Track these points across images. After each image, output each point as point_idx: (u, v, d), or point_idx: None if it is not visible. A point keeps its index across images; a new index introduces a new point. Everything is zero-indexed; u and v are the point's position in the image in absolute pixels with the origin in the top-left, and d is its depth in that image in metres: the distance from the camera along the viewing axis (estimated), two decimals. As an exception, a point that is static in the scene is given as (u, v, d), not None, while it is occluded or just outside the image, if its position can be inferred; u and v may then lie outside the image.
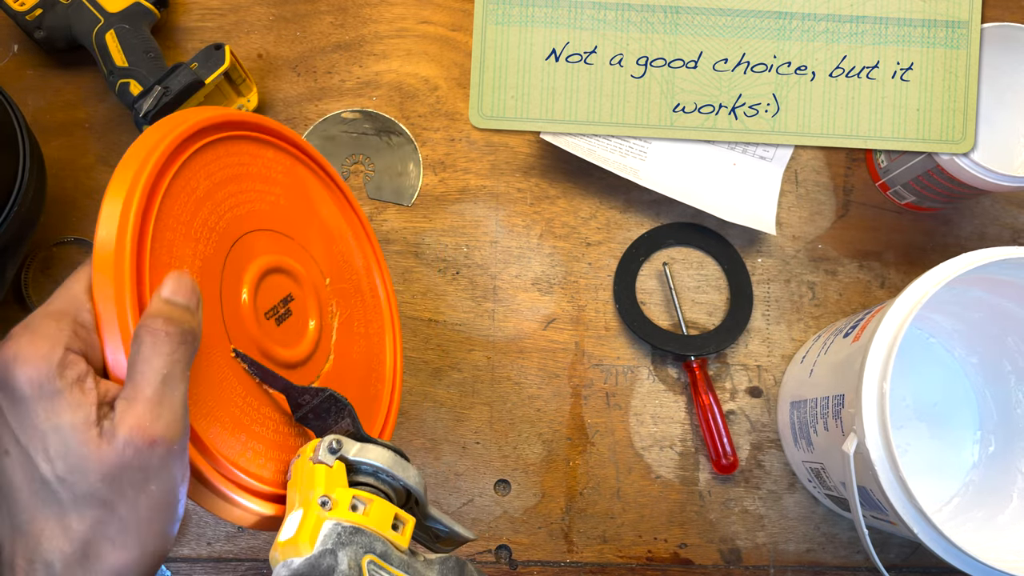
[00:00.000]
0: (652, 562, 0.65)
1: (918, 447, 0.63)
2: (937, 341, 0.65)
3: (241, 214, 0.46)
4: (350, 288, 0.54)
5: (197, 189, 0.43)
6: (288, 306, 0.48)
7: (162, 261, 0.39)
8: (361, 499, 0.37)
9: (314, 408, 0.43)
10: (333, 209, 0.55)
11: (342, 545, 0.35)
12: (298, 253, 0.50)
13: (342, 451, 0.39)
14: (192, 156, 0.42)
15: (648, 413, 0.66)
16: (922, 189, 0.66)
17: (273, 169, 0.49)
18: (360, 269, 0.56)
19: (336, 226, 0.55)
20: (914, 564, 0.65)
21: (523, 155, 0.69)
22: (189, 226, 0.42)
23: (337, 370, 0.51)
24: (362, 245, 0.57)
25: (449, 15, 0.70)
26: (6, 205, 0.54)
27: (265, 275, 0.46)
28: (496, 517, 0.65)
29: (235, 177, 0.46)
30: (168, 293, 0.37)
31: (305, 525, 0.36)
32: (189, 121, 0.42)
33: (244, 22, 0.70)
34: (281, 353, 0.46)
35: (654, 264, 0.69)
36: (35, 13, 0.64)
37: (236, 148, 0.46)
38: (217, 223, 0.44)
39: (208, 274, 0.43)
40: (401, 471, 0.40)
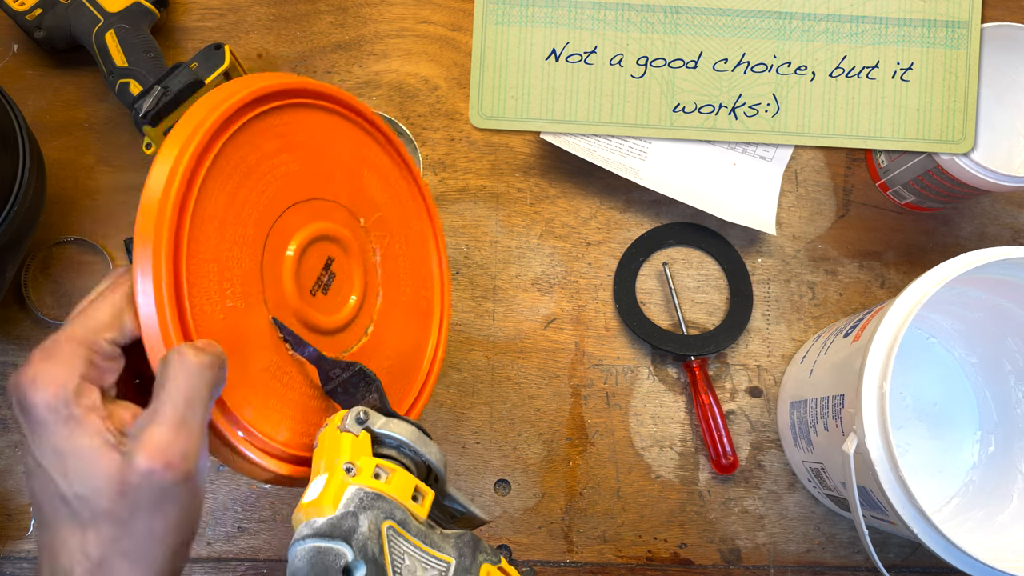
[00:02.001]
0: (652, 562, 0.65)
1: (918, 447, 0.63)
2: (937, 341, 0.65)
3: (294, 181, 0.46)
4: (403, 271, 0.54)
5: (247, 158, 0.43)
6: (332, 273, 0.48)
7: (207, 216, 0.40)
8: (384, 468, 0.39)
9: (343, 382, 0.44)
10: (396, 182, 0.54)
11: (364, 509, 0.36)
12: (351, 225, 0.50)
13: (368, 423, 0.41)
14: (248, 124, 0.43)
15: (648, 413, 0.66)
16: (922, 189, 0.66)
17: (335, 138, 0.49)
18: (420, 255, 0.56)
19: (397, 200, 0.54)
20: (914, 564, 0.65)
21: (523, 155, 0.69)
22: (235, 193, 0.42)
23: (373, 345, 0.51)
24: (422, 226, 0.56)
25: (449, 15, 0.70)
26: (6, 205, 0.54)
27: (312, 242, 0.47)
28: (496, 517, 0.65)
29: (291, 145, 0.46)
30: (200, 344, 0.38)
31: (329, 489, 0.37)
32: (249, 88, 0.43)
33: (244, 22, 0.70)
34: (319, 320, 0.47)
35: (654, 264, 0.69)
36: (35, 13, 0.64)
37: (293, 116, 0.46)
38: (267, 189, 0.44)
39: (254, 236, 0.43)
40: (423, 446, 0.41)
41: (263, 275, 0.44)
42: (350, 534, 0.35)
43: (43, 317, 0.65)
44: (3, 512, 0.63)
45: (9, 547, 0.63)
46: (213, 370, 0.37)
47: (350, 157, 0.50)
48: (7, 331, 0.65)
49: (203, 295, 0.40)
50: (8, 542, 0.63)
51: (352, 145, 0.51)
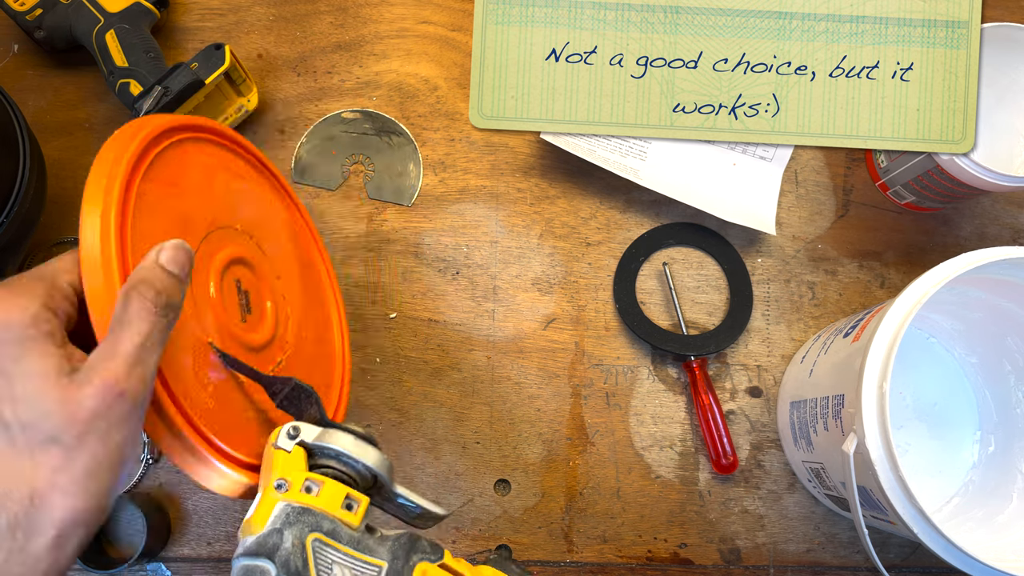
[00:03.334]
0: (652, 562, 0.65)
1: (918, 447, 0.63)
2: (937, 341, 0.65)
3: (199, 213, 0.48)
4: (296, 274, 0.56)
5: (165, 190, 0.45)
6: (247, 293, 0.50)
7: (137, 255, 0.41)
8: (315, 481, 0.39)
9: (286, 396, 0.45)
10: (271, 199, 0.57)
11: (289, 524, 0.38)
12: (253, 248, 0.52)
13: (301, 437, 0.41)
14: (158, 155, 0.45)
15: (648, 413, 0.66)
16: (922, 189, 0.66)
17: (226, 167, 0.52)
18: (305, 259, 0.58)
19: (278, 218, 0.57)
20: (914, 564, 0.65)
21: (523, 155, 0.69)
22: (164, 222, 0.44)
23: (297, 355, 0.53)
24: (299, 230, 0.59)
25: (449, 15, 0.70)
26: (6, 205, 0.54)
27: (228, 267, 0.49)
28: (496, 517, 0.65)
29: (198, 174, 0.49)
30: (165, 260, 0.39)
31: (261, 507, 0.38)
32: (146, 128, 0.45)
33: (244, 22, 0.70)
34: (252, 338, 0.49)
35: (654, 264, 0.69)
36: (35, 13, 0.64)
37: (190, 150, 0.49)
38: (185, 221, 0.46)
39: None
40: (360, 454, 0.42)
41: (195, 303, 0.45)
42: (274, 551, 0.37)
43: (43, 317, 0.65)
44: None
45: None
46: (168, 315, 0.37)
47: (220, 178, 0.52)
48: (7, 331, 0.65)
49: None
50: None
51: (227, 168, 0.53)
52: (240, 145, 0.54)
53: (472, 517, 0.65)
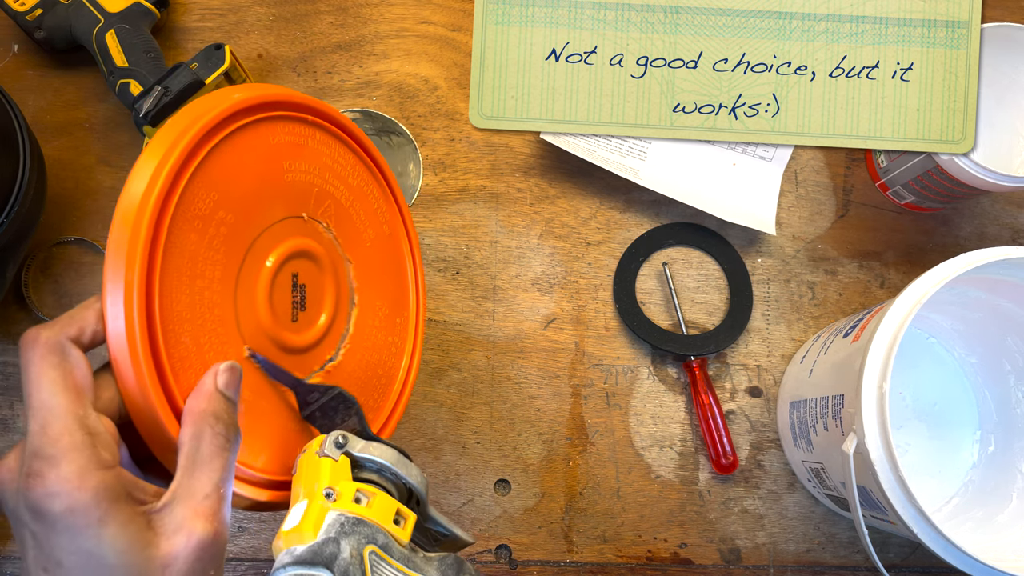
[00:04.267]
0: (652, 562, 0.65)
1: (918, 447, 0.63)
2: (937, 341, 0.65)
3: (294, 193, 0.45)
4: (377, 279, 0.53)
5: (221, 178, 0.41)
6: (302, 287, 0.47)
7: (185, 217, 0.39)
8: (364, 492, 0.38)
9: (322, 406, 0.44)
10: (377, 202, 0.53)
11: (345, 534, 0.36)
12: (333, 248, 0.49)
13: (347, 447, 0.40)
14: (224, 140, 0.41)
15: (648, 413, 0.66)
16: (922, 189, 0.66)
17: (303, 150, 0.48)
18: (393, 266, 0.54)
19: (376, 220, 0.53)
20: (914, 564, 0.65)
21: (523, 155, 0.69)
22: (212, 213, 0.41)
23: (347, 362, 0.50)
24: (399, 243, 0.55)
25: (449, 15, 0.71)
26: (6, 205, 0.54)
27: (287, 260, 0.46)
28: (496, 517, 0.65)
29: (295, 155, 0.45)
30: (223, 384, 0.38)
31: (309, 515, 0.37)
32: (224, 103, 0.41)
33: (244, 22, 0.70)
34: (293, 339, 0.46)
35: (654, 264, 0.69)
36: (35, 13, 0.64)
37: (266, 130, 0.44)
38: (247, 209, 0.43)
39: (230, 260, 0.42)
40: (404, 469, 0.41)
41: (236, 302, 0.43)
42: (332, 560, 0.35)
43: (43, 317, 0.65)
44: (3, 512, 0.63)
45: (10, 547, 0.63)
46: (237, 437, 0.37)
47: (317, 166, 0.49)
48: (7, 331, 0.65)
49: (176, 325, 0.39)
50: (8, 542, 0.63)
51: (319, 153, 0.49)
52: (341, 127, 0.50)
53: (472, 517, 0.65)
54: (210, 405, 0.37)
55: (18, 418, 0.64)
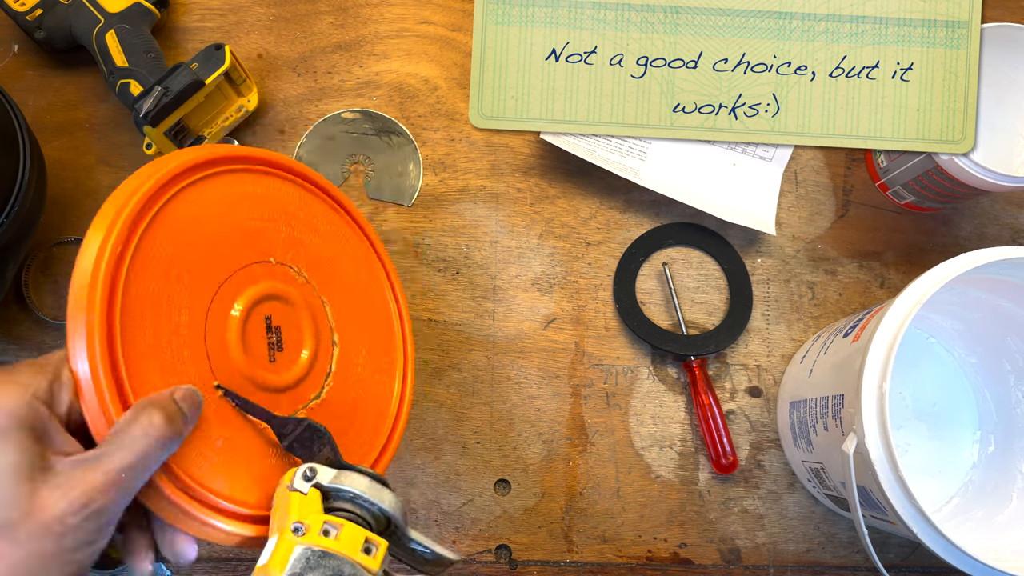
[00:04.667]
0: (652, 562, 0.65)
1: (918, 447, 0.63)
2: (937, 341, 0.65)
3: (228, 247, 0.47)
4: (358, 319, 0.54)
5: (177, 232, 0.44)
6: (277, 330, 0.48)
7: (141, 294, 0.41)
8: (333, 524, 0.39)
9: (298, 437, 0.44)
10: (338, 231, 0.54)
11: (310, 569, 0.37)
12: (292, 280, 0.50)
13: (317, 479, 0.41)
14: (179, 192, 0.44)
15: (648, 413, 0.66)
16: (922, 189, 0.66)
17: (262, 198, 0.50)
18: (374, 305, 0.55)
19: (352, 262, 0.54)
20: (914, 564, 0.65)
21: (523, 155, 0.69)
22: (168, 270, 0.43)
23: (332, 399, 0.51)
24: (379, 282, 0.56)
25: (449, 15, 0.71)
26: (6, 205, 0.54)
27: (255, 304, 0.47)
28: (496, 517, 0.65)
29: (245, 205, 0.47)
30: (179, 396, 0.39)
31: (278, 551, 0.37)
32: (173, 162, 0.44)
33: (244, 22, 0.70)
34: (272, 379, 0.47)
35: (654, 264, 0.69)
36: (35, 13, 0.64)
37: (219, 183, 0.47)
38: (201, 259, 0.45)
39: (196, 303, 0.44)
40: (376, 496, 0.41)
41: (207, 343, 0.44)
42: None
43: (43, 317, 0.65)
44: None
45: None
46: (166, 447, 0.38)
47: (281, 214, 0.50)
48: (7, 331, 0.65)
49: (143, 363, 0.40)
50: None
51: (281, 201, 0.51)
52: (302, 176, 0.52)
53: (472, 517, 0.65)
54: (157, 399, 0.38)
55: (18, 418, 0.64)
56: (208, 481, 0.41)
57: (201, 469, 0.41)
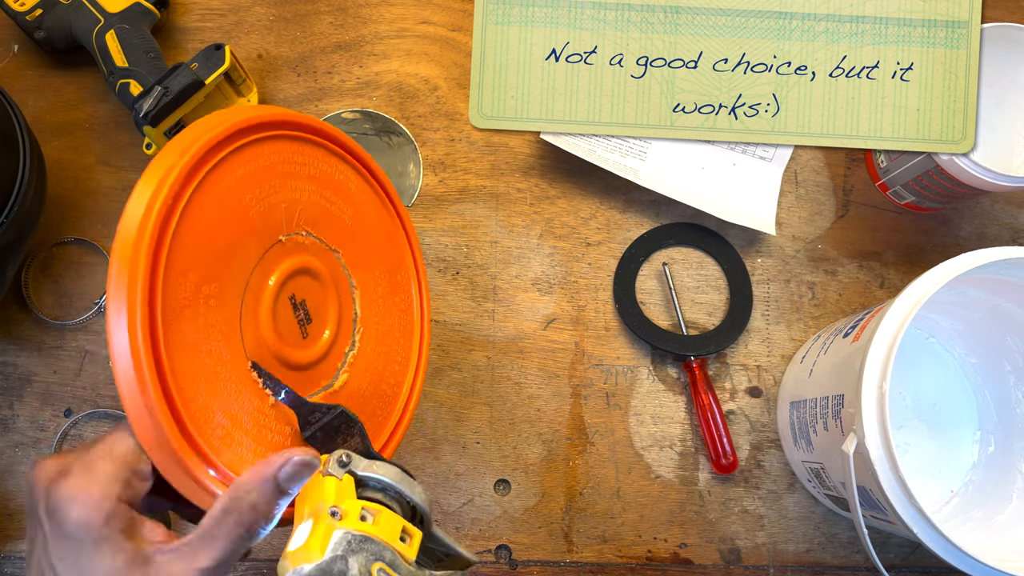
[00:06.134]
0: (652, 562, 0.65)
1: (918, 447, 0.63)
2: (937, 341, 0.65)
3: (294, 212, 0.46)
4: (381, 319, 0.53)
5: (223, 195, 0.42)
6: (308, 309, 0.48)
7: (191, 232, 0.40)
8: (370, 510, 0.38)
9: (323, 426, 0.44)
10: (377, 213, 0.53)
11: (352, 552, 0.36)
12: (337, 268, 0.49)
13: (351, 465, 0.40)
14: (226, 157, 0.42)
15: (648, 413, 0.66)
16: (922, 189, 0.66)
17: (339, 182, 0.49)
18: (399, 285, 0.55)
19: (388, 256, 0.54)
20: (914, 564, 0.65)
21: (523, 155, 0.69)
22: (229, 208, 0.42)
23: (353, 379, 0.51)
24: (405, 264, 0.55)
25: (449, 15, 0.71)
26: (6, 205, 0.54)
27: (290, 277, 0.46)
28: (496, 517, 0.65)
29: (297, 176, 0.46)
30: (284, 477, 0.39)
31: (316, 534, 0.37)
32: (224, 123, 0.42)
33: (244, 22, 0.70)
34: (296, 356, 0.47)
35: (654, 264, 0.69)
36: (35, 13, 0.64)
37: (268, 149, 0.45)
38: (266, 211, 0.44)
39: (234, 278, 0.43)
40: (408, 488, 0.41)
41: (242, 317, 0.43)
42: None
43: (43, 317, 0.65)
44: (3, 512, 0.63)
45: (9, 547, 0.63)
46: (265, 531, 0.38)
47: (339, 197, 0.50)
48: (7, 331, 0.65)
49: (182, 343, 0.40)
50: (8, 542, 0.63)
51: (344, 186, 0.50)
52: (337, 143, 0.50)
53: (472, 517, 0.65)
54: (253, 495, 0.38)
55: (18, 418, 0.64)
56: (227, 460, 0.41)
57: (221, 448, 0.41)
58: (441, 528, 0.45)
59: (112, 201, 0.67)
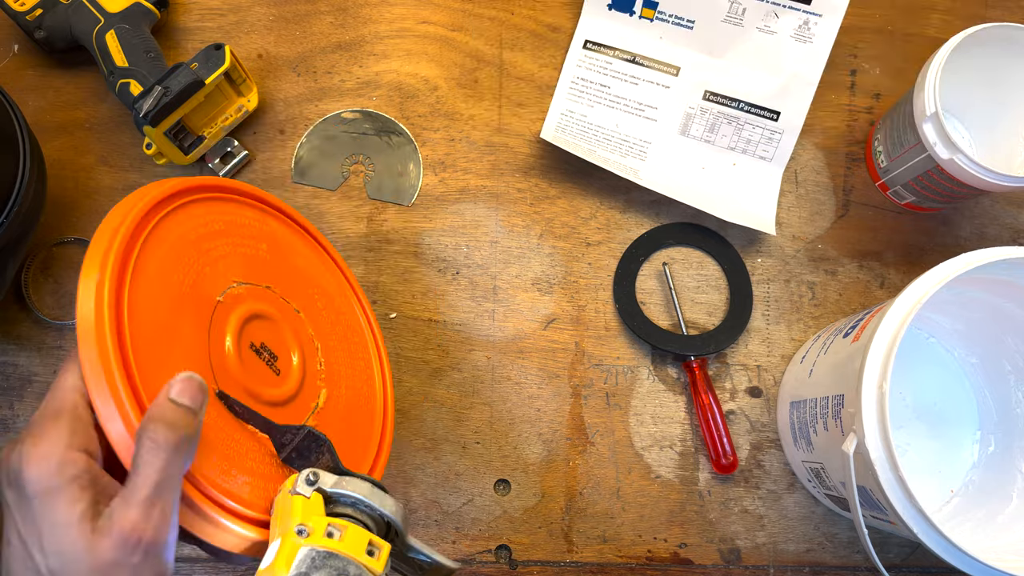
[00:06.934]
0: (652, 562, 0.65)
1: (918, 447, 0.63)
2: (937, 341, 0.65)
3: (220, 269, 0.48)
4: (333, 331, 0.57)
5: (169, 251, 0.46)
6: (270, 349, 0.50)
7: (143, 324, 0.42)
8: (336, 526, 0.39)
9: (296, 447, 0.45)
10: (308, 255, 0.58)
11: (315, 568, 0.37)
12: (276, 301, 0.52)
13: (319, 483, 0.41)
14: (160, 221, 0.46)
15: (648, 413, 0.66)
16: (922, 189, 0.66)
17: (245, 225, 0.53)
18: (341, 310, 0.58)
19: (312, 271, 0.57)
20: (914, 564, 0.65)
21: (523, 155, 0.69)
22: (165, 290, 0.44)
23: (329, 409, 0.53)
24: (341, 288, 0.59)
25: (449, 15, 0.70)
26: (6, 205, 0.54)
27: (247, 321, 0.49)
28: (496, 517, 0.65)
29: (208, 235, 0.49)
30: (175, 393, 0.39)
31: (282, 552, 0.38)
32: (149, 194, 0.46)
33: (244, 22, 0.70)
34: (268, 393, 0.49)
35: (654, 264, 0.69)
36: (35, 13, 0.64)
37: (203, 209, 0.50)
38: (196, 280, 0.46)
39: (195, 325, 0.45)
40: (378, 501, 0.41)
41: (211, 361, 0.45)
42: None
43: (43, 317, 0.65)
44: (3, 512, 0.63)
45: (9, 547, 0.63)
46: (182, 450, 0.38)
47: (299, 266, 0.55)
48: (7, 331, 0.65)
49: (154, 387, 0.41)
50: (8, 542, 0.63)
51: (303, 257, 0.56)
52: (259, 200, 0.55)
53: (472, 517, 0.65)
54: (154, 411, 0.38)
55: (18, 418, 0.64)
56: (218, 483, 0.42)
57: (210, 473, 0.42)
58: (418, 532, 0.45)
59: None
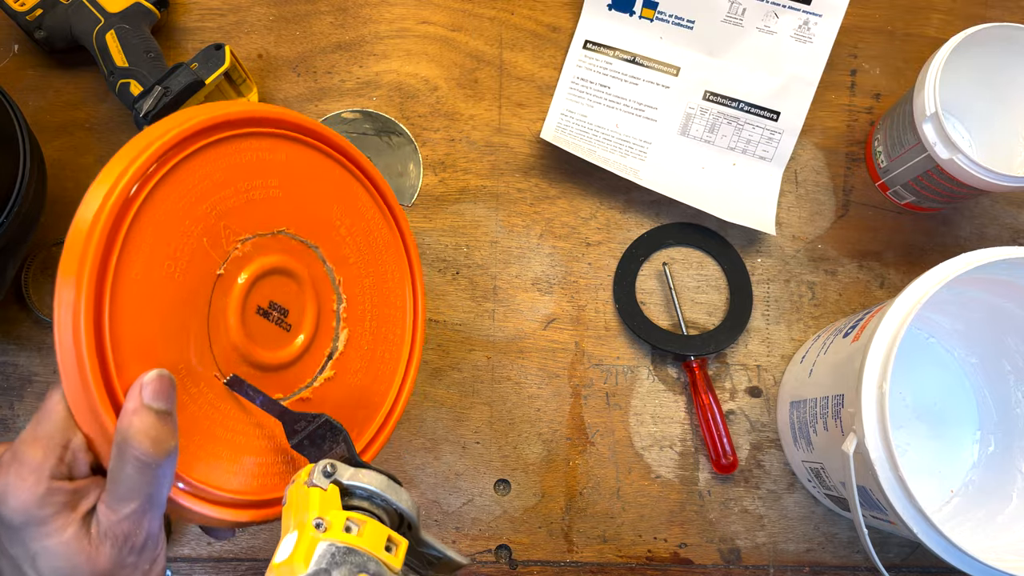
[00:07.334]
0: (652, 562, 0.65)
1: (918, 447, 0.63)
2: (937, 341, 0.65)
3: (221, 232, 0.44)
4: (359, 254, 0.52)
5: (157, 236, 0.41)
6: (280, 304, 0.47)
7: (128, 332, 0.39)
8: (355, 521, 0.38)
9: (309, 435, 0.44)
10: (326, 173, 0.50)
11: (336, 564, 0.36)
12: (288, 245, 0.47)
13: (336, 475, 0.40)
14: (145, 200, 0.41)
15: (648, 413, 0.66)
16: (922, 189, 0.66)
17: (249, 164, 0.46)
18: (391, 290, 0.54)
19: (332, 191, 0.51)
20: (914, 564, 0.65)
21: (523, 155, 0.69)
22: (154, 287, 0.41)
23: (333, 383, 0.50)
24: (398, 261, 0.54)
25: (449, 15, 0.70)
26: (7, 205, 0.54)
27: (253, 284, 0.45)
28: (496, 517, 0.65)
29: (206, 192, 0.43)
30: (150, 397, 0.38)
31: (300, 546, 0.37)
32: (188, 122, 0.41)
33: (244, 22, 0.70)
34: (277, 356, 0.46)
35: (654, 264, 0.69)
36: (35, 13, 0.64)
37: (199, 162, 0.43)
38: (190, 261, 0.42)
39: (191, 314, 0.42)
40: (394, 495, 0.41)
41: (210, 319, 0.43)
42: None
43: (43, 317, 0.65)
44: (3, 512, 0.63)
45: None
46: (166, 451, 0.37)
47: (320, 192, 0.49)
48: (7, 331, 0.65)
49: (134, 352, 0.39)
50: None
51: (325, 180, 0.49)
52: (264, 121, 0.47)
53: (472, 517, 0.65)
54: (130, 426, 0.37)
55: (18, 418, 0.64)
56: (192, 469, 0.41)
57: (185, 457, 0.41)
58: (430, 532, 0.45)
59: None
